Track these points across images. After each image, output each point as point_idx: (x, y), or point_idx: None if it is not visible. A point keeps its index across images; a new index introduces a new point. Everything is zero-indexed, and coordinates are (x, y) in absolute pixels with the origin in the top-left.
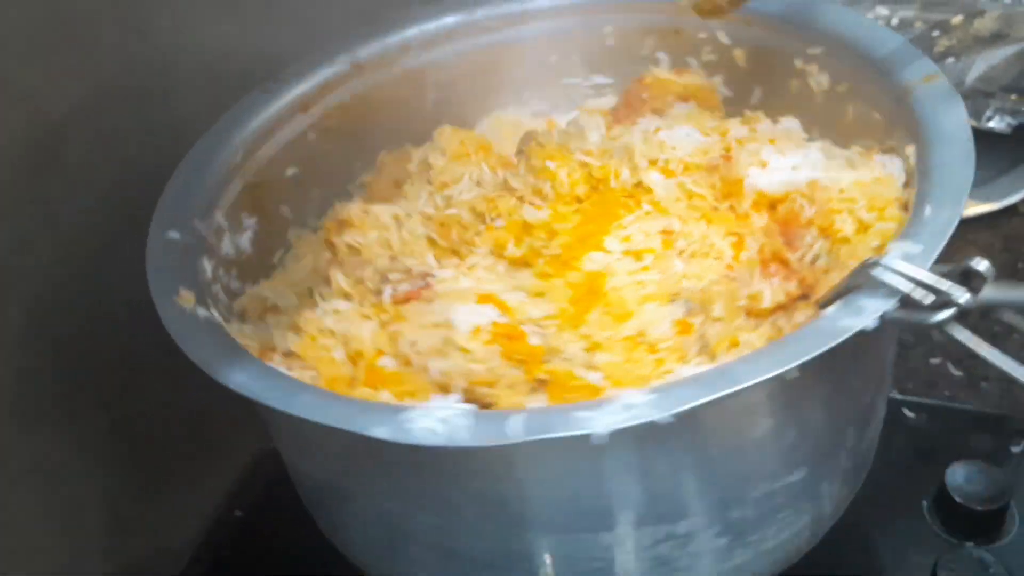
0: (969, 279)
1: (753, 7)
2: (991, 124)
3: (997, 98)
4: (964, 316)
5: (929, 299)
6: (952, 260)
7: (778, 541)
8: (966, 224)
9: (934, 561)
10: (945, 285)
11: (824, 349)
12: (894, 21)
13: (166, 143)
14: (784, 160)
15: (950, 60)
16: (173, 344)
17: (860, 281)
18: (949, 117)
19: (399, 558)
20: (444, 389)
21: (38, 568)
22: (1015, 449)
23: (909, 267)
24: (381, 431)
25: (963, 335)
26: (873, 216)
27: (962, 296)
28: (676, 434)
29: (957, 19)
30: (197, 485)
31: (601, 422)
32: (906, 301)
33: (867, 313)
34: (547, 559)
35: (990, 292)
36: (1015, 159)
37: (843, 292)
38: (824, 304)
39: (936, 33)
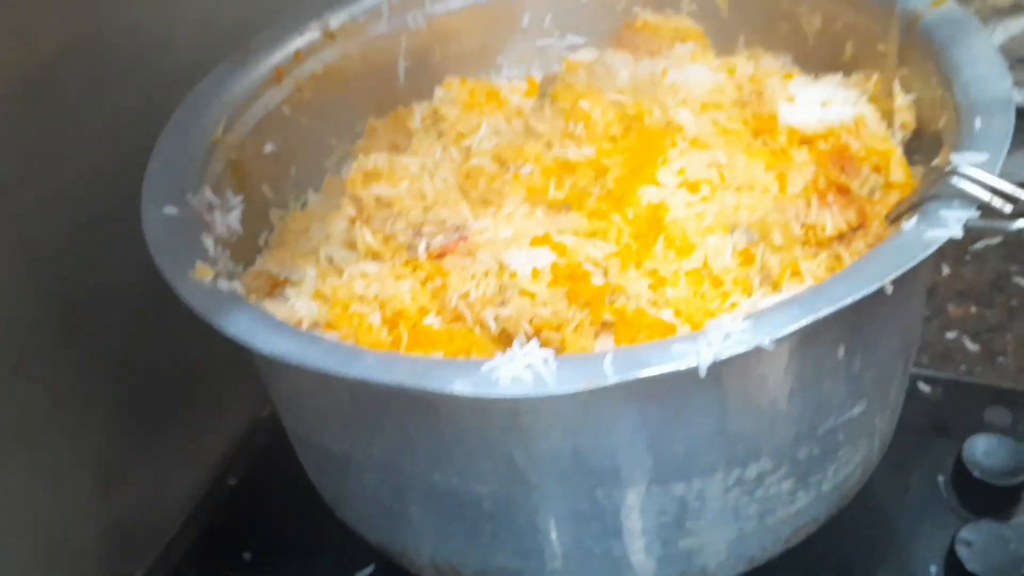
0: None
1: None
2: None
3: (1016, 71)
4: None
5: (1008, 208)
6: None
7: (835, 482)
8: None
9: (951, 536)
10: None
11: (922, 258)
12: None
13: (163, 91)
14: (813, 94)
15: (973, 17)
16: (168, 305)
17: (934, 192)
18: (969, 36)
19: (400, 523)
20: (503, 342)
21: (25, 524)
22: None
23: (986, 175)
24: (462, 386)
25: None
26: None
27: None
28: (764, 364)
29: None
30: (191, 450)
31: (705, 352)
32: (984, 210)
33: (951, 223)
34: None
35: None
36: None
37: (915, 204)
38: (894, 218)
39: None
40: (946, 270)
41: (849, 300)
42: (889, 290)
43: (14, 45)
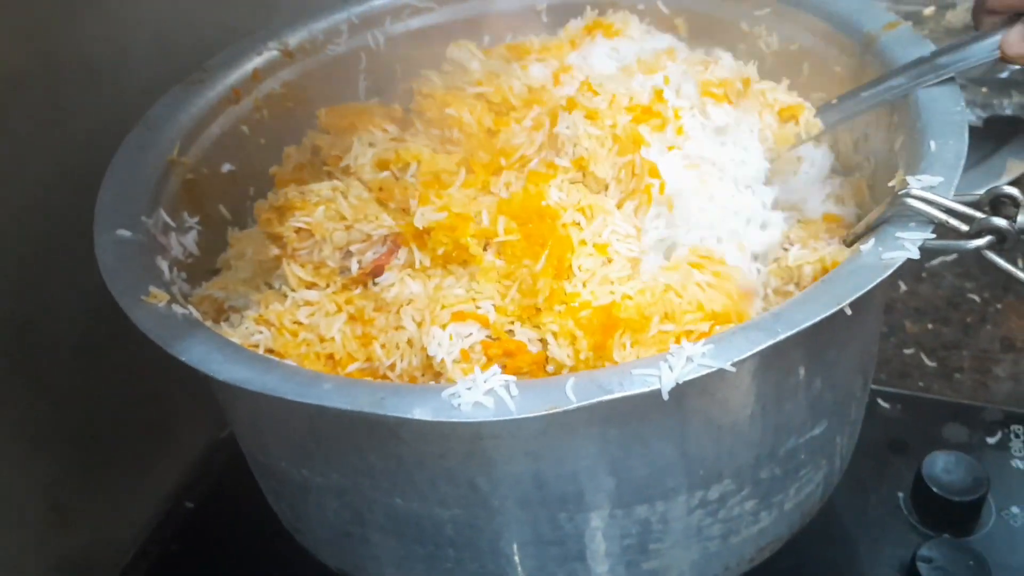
0: (999, 207)
1: None
2: None
3: (968, 91)
4: (1002, 243)
5: (964, 227)
6: None
7: (797, 501)
8: None
9: (912, 552)
10: (979, 212)
11: (879, 280)
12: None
13: (116, 117)
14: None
15: (926, 39)
16: (121, 330)
17: (890, 214)
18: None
19: (361, 548)
20: None
21: None
22: (991, 440)
23: (941, 197)
24: (423, 412)
25: (1002, 261)
26: None
27: (1000, 221)
28: (726, 387)
29: (929, 10)
30: (145, 476)
31: (667, 376)
32: (940, 230)
33: (907, 244)
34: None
35: None
36: (986, 151)
37: (872, 227)
38: (852, 241)
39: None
40: (903, 287)
41: (808, 324)
42: (848, 312)
43: None
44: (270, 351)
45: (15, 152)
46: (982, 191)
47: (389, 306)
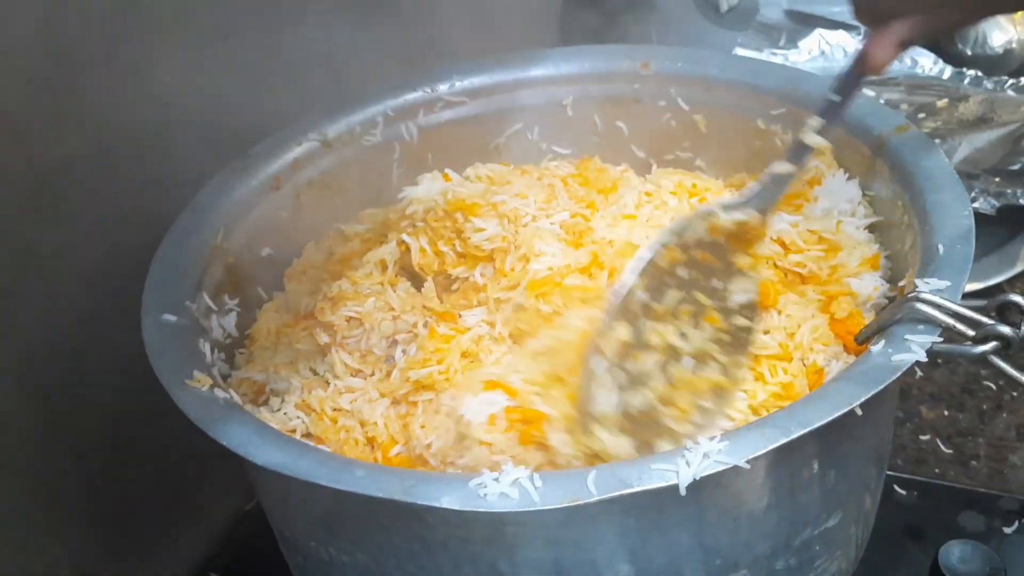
0: (1005, 313)
1: (711, 73)
2: (976, 206)
3: (981, 180)
4: (1007, 348)
5: (970, 332)
6: None
7: None
8: None
9: None
10: (987, 318)
11: (888, 382)
12: (880, 103)
13: (162, 197)
14: None
15: (936, 143)
16: (154, 402)
17: (900, 316)
18: (931, 161)
19: None
20: None
21: None
22: (1008, 530)
23: (949, 302)
24: (450, 501)
25: (1007, 367)
26: None
27: (1005, 329)
28: (741, 481)
29: (942, 102)
30: (172, 546)
31: (685, 471)
32: (947, 334)
33: (915, 347)
34: None
35: None
36: (1000, 240)
37: (883, 327)
38: (863, 340)
39: (922, 115)
40: (919, 373)
41: (820, 423)
42: (859, 412)
43: (16, 155)
44: (308, 435)
45: (61, 237)
46: (993, 282)
47: (428, 387)
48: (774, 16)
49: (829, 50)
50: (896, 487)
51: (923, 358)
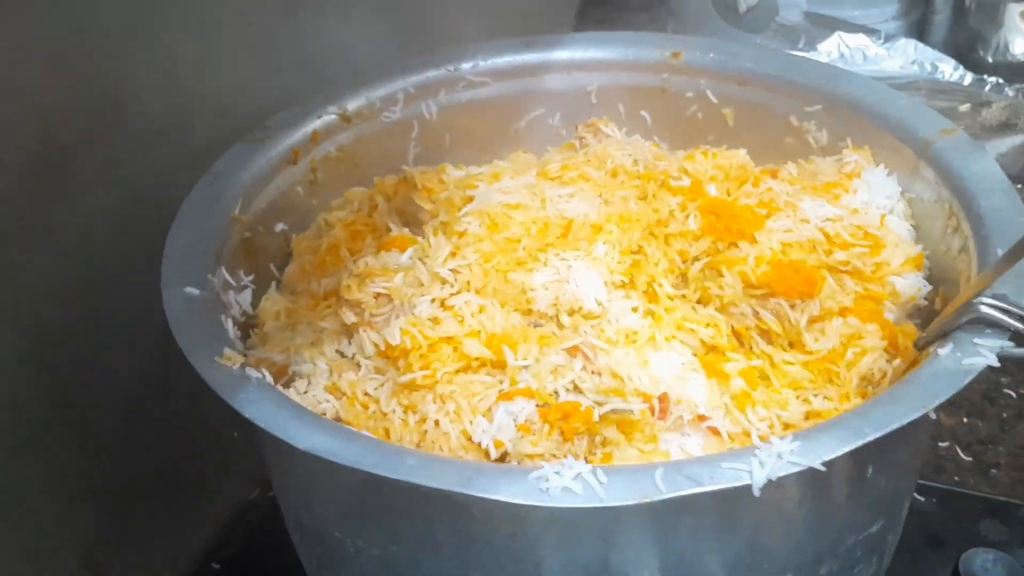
0: None
1: (746, 67)
2: None
3: None
4: None
5: None
6: None
7: None
8: None
9: None
10: None
11: (962, 385)
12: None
13: (176, 176)
14: None
15: (984, 146)
16: (167, 386)
17: (964, 320)
18: (981, 165)
19: None
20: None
21: None
22: None
23: (1014, 305)
24: (512, 494)
25: None
26: None
27: None
28: (803, 482)
29: (965, 107)
30: (177, 535)
31: (758, 472)
32: (1015, 337)
33: (985, 351)
34: None
35: None
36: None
37: (945, 332)
38: (923, 345)
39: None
40: None
41: (895, 425)
42: (932, 417)
43: (32, 131)
44: (337, 420)
45: (81, 206)
46: None
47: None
48: (794, 18)
49: (848, 53)
50: (916, 495)
51: (995, 363)
